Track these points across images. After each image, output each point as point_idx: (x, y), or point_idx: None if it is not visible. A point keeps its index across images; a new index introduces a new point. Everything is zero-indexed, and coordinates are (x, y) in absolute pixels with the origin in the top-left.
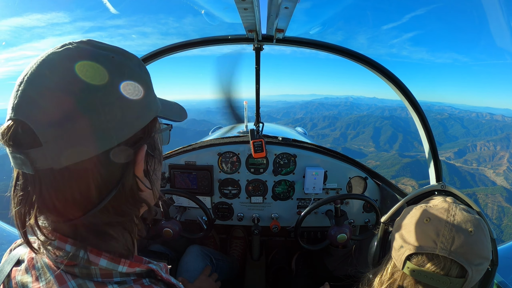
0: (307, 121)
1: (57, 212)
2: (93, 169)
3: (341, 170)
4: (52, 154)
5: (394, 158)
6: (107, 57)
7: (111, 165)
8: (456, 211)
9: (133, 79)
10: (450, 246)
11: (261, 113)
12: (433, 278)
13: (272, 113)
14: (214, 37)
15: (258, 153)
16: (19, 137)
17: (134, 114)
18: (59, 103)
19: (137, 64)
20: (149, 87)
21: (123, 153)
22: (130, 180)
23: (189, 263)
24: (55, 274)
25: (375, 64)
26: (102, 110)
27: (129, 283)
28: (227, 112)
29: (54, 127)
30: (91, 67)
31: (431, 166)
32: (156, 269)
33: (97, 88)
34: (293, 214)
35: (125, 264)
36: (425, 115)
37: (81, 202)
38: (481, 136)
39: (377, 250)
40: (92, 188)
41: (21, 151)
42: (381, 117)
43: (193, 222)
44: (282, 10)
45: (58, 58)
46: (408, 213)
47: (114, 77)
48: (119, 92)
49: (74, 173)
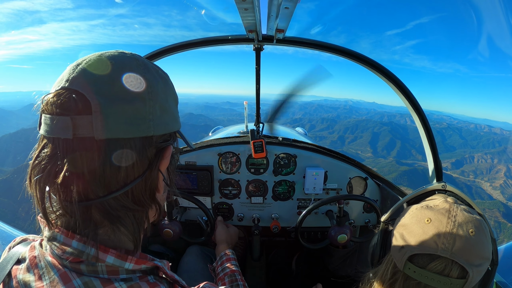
0: (306, 122)
1: (81, 185)
2: (128, 150)
3: (341, 171)
4: (97, 124)
5: (391, 165)
6: (153, 67)
7: (143, 152)
8: (457, 212)
9: (172, 93)
10: (451, 247)
11: (261, 112)
12: (434, 279)
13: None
14: (214, 37)
15: (259, 154)
16: (70, 103)
17: (168, 118)
18: (116, 84)
19: (170, 82)
20: (177, 104)
21: (156, 146)
22: (154, 173)
23: (189, 263)
24: (59, 273)
25: (373, 63)
26: (148, 103)
27: (134, 280)
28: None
29: (106, 101)
30: (142, 67)
31: (431, 165)
32: (161, 265)
33: (147, 84)
34: (293, 215)
35: (131, 261)
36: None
37: (109, 180)
38: (479, 148)
39: (378, 249)
40: (122, 167)
41: (67, 115)
42: (380, 123)
43: (193, 223)
44: (282, 10)
45: (115, 54)
46: (409, 213)
47: (158, 84)
48: (160, 95)
49: (112, 147)
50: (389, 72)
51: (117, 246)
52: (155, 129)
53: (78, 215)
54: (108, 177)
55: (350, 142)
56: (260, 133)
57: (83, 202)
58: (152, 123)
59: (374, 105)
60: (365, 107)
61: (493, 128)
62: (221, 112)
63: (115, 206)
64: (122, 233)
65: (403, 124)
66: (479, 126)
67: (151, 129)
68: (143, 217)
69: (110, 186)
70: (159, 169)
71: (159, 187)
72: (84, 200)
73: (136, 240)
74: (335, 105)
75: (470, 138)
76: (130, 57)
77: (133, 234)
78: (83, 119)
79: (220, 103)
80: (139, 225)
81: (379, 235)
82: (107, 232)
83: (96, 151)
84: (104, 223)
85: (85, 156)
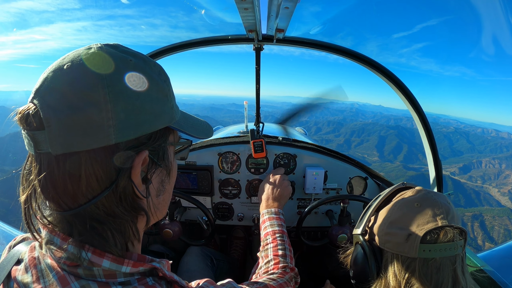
0: (312, 124)
1: (53, 198)
2: (88, 163)
3: (341, 170)
4: (51, 139)
5: (398, 170)
6: (124, 59)
7: (107, 164)
8: (431, 192)
9: (155, 86)
10: (446, 216)
11: (266, 113)
12: (446, 249)
13: (277, 114)
14: (214, 37)
15: (258, 153)
16: (29, 118)
17: (144, 117)
18: (66, 94)
19: (157, 72)
20: (166, 95)
21: (122, 154)
22: (124, 183)
23: (189, 263)
24: (58, 276)
25: (373, 63)
26: (104, 107)
27: (133, 283)
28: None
29: (56, 113)
30: (104, 64)
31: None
32: (160, 267)
33: (103, 85)
34: (293, 214)
35: (128, 264)
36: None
37: (74, 194)
38: (486, 153)
39: (372, 261)
40: (83, 181)
41: (28, 132)
42: (387, 126)
43: (193, 223)
44: (282, 10)
45: (80, 54)
46: (392, 210)
47: (122, 79)
48: (126, 93)
49: (69, 163)
50: (390, 72)
51: (108, 250)
52: (118, 136)
53: (60, 224)
54: (70, 191)
55: (357, 146)
56: (260, 132)
57: (60, 212)
58: (112, 129)
59: (380, 108)
60: (372, 110)
61: (500, 132)
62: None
63: (90, 218)
64: (104, 240)
65: (409, 128)
66: (486, 130)
67: (112, 136)
68: (126, 227)
69: (77, 199)
70: (131, 178)
71: (140, 194)
72: (61, 210)
73: (120, 247)
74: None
75: (477, 143)
76: (93, 54)
77: (114, 245)
78: (40, 135)
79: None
80: (123, 235)
81: (365, 247)
82: (101, 236)
83: (55, 166)
84: (89, 230)
85: (48, 171)
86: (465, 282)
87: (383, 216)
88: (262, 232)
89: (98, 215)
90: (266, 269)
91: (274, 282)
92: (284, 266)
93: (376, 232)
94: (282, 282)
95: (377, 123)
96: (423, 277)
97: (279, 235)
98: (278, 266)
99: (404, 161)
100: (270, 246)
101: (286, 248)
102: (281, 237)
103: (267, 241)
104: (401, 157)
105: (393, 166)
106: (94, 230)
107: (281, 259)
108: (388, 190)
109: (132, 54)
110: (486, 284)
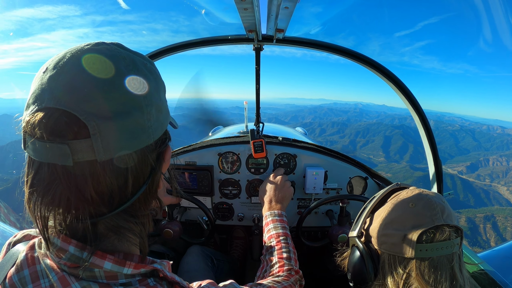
0: (316, 126)
1: (86, 207)
2: (132, 163)
3: (341, 170)
4: (98, 146)
5: (405, 171)
6: (142, 63)
7: (146, 161)
8: (425, 191)
9: (162, 85)
10: (442, 215)
11: (270, 116)
12: (442, 247)
13: (281, 116)
14: (214, 37)
15: (259, 153)
16: (62, 127)
17: (162, 116)
18: (110, 100)
19: (158, 72)
20: (165, 93)
21: (156, 151)
22: (158, 176)
23: (190, 263)
24: (58, 276)
25: (373, 62)
26: (145, 109)
27: (134, 284)
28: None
29: (103, 120)
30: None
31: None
32: (161, 268)
33: (142, 88)
34: (294, 214)
35: (130, 266)
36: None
37: (116, 196)
38: (493, 150)
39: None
40: (129, 181)
41: (63, 142)
42: (391, 126)
43: (193, 223)
44: (282, 10)
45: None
46: (387, 211)
47: (150, 82)
48: (154, 95)
49: (116, 165)
50: (389, 72)
51: (120, 251)
52: (154, 135)
53: (80, 232)
54: (116, 195)
55: (362, 146)
56: (260, 133)
57: (87, 220)
58: (151, 129)
59: (384, 108)
60: (375, 110)
61: (506, 129)
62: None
63: (124, 217)
64: (128, 240)
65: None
66: (491, 127)
67: (151, 136)
68: (149, 219)
69: (117, 202)
70: (161, 171)
71: (160, 184)
72: (89, 218)
73: (143, 243)
74: (345, 108)
75: (483, 140)
76: (116, 57)
77: (140, 238)
78: (82, 143)
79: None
80: (145, 228)
81: (361, 250)
82: (112, 241)
83: (100, 173)
84: (109, 235)
85: (89, 180)
86: (463, 280)
87: (379, 217)
88: (265, 234)
89: (135, 211)
90: (271, 272)
91: (279, 284)
92: (289, 269)
93: (372, 233)
94: (287, 284)
95: (381, 123)
96: (421, 277)
97: (283, 237)
98: (283, 269)
99: (411, 161)
100: (275, 249)
101: (290, 250)
102: (285, 239)
103: (271, 244)
104: (407, 157)
105: (400, 167)
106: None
107: (286, 262)
108: (382, 191)
109: (138, 58)
110: (486, 283)
